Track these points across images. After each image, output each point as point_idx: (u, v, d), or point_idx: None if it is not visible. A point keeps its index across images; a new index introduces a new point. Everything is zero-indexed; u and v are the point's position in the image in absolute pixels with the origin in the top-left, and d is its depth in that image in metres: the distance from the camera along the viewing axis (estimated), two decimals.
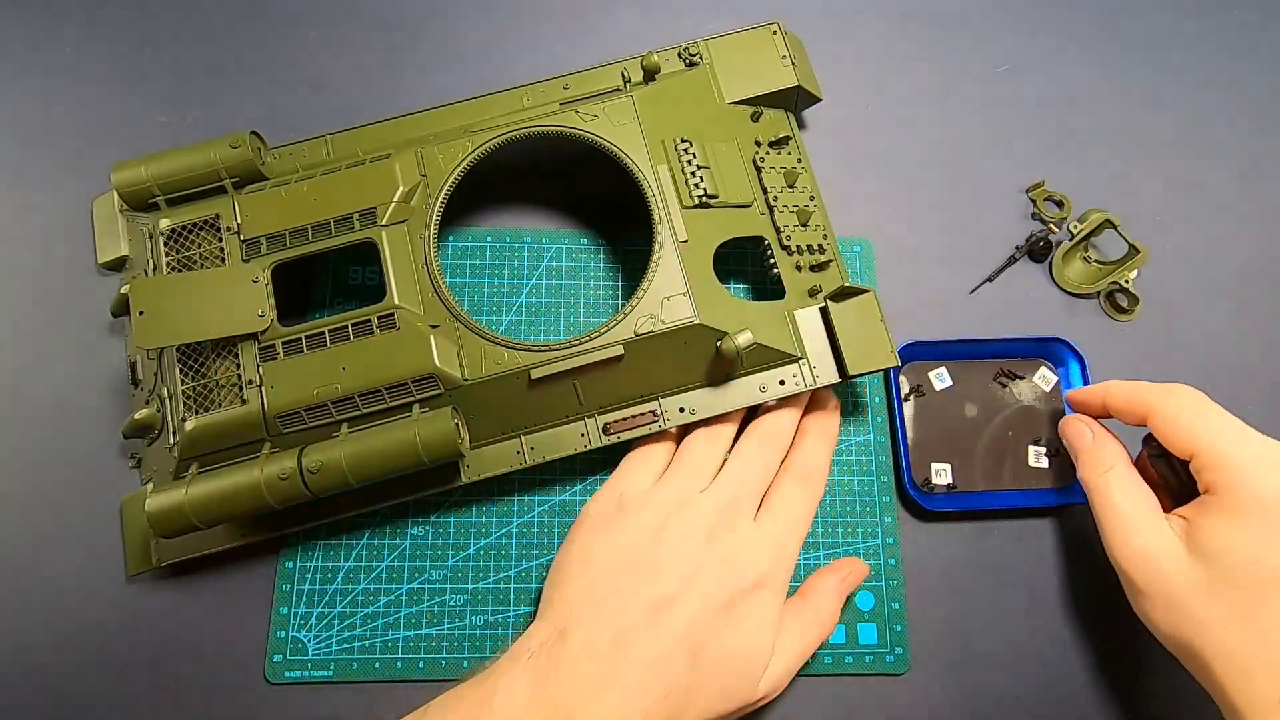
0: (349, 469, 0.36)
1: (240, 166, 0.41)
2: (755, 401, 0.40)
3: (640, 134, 0.41)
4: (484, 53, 0.51)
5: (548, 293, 0.46)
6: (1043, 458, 0.45)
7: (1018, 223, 0.50)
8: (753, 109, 0.45)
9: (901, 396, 0.45)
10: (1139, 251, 0.46)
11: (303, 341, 0.38)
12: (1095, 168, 0.51)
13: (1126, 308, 0.48)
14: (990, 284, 0.48)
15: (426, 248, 0.39)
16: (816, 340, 0.41)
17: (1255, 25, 0.55)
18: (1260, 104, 0.53)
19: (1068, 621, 0.43)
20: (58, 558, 0.41)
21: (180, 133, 0.49)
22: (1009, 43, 0.53)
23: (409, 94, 0.50)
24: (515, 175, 0.48)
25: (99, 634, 0.41)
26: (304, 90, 0.50)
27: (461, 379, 0.38)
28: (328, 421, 0.38)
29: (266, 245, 0.39)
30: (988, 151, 0.51)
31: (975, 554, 0.44)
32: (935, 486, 0.44)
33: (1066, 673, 0.42)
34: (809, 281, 0.42)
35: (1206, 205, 0.51)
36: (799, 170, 0.44)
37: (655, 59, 0.43)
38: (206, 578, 0.41)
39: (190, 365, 0.39)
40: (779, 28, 0.46)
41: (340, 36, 0.51)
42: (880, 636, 0.42)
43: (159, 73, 0.50)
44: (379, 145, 0.43)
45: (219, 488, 0.36)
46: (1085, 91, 0.53)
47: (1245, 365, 0.48)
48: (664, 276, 0.39)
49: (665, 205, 0.40)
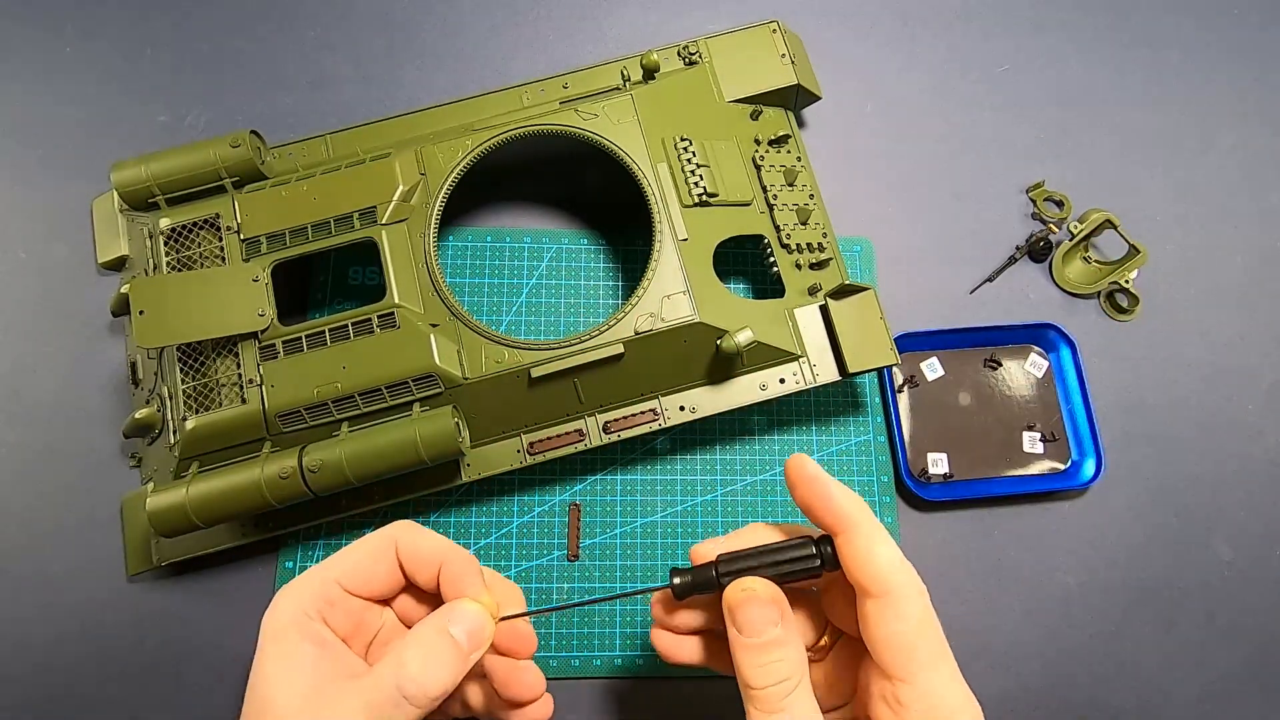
0: (349, 468, 0.36)
1: (240, 166, 0.41)
2: (755, 400, 0.40)
3: (640, 132, 0.41)
4: (484, 52, 0.51)
5: (548, 292, 0.46)
6: (1037, 443, 0.45)
7: (1018, 223, 0.50)
8: (752, 107, 0.45)
9: (895, 388, 0.45)
10: (1139, 251, 0.46)
11: (303, 340, 0.38)
12: (1095, 168, 0.51)
13: (1126, 308, 0.48)
14: (990, 284, 0.48)
15: (426, 246, 0.39)
16: (816, 338, 0.41)
17: (1255, 25, 0.55)
18: (1260, 104, 0.53)
19: (1067, 618, 0.43)
20: (58, 558, 0.41)
21: (180, 133, 0.49)
22: (1009, 42, 0.53)
23: (409, 94, 0.50)
24: (515, 175, 0.48)
25: (99, 634, 0.40)
26: (304, 90, 0.50)
27: (462, 378, 0.38)
28: (328, 420, 0.38)
29: (266, 244, 0.39)
30: (988, 151, 0.51)
31: (974, 544, 0.44)
32: (932, 476, 0.44)
33: (1066, 672, 0.42)
34: (809, 279, 0.42)
35: (1206, 205, 0.51)
36: (798, 169, 0.44)
37: (655, 58, 0.43)
38: (206, 578, 0.41)
39: (190, 364, 0.39)
40: (778, 26, 0.46)
41: (340, 36, 0.51)
42: None
43: (159, 73, 0.50)
44: (379, 144, 0.43)
45: (220, 487, 0.36)
46: (1085, 91, 0.53)
47: (1245, 365, 0.48)
48: (664, 275, 0.39)
49: (665, 204, 0.40)
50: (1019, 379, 0.46)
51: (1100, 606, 0.43)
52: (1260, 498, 0.46)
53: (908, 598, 0.28)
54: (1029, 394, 0.46)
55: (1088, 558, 0.44)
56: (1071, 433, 0.45)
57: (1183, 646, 0.43)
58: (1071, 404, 0.45)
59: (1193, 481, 0.46)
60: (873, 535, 0.28)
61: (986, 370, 0.46)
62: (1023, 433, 0.45)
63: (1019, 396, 0.46)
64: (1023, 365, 0.46)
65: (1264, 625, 0.44)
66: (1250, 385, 0.47)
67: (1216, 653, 0.43)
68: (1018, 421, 0.45)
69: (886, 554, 0.28)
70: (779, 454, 0.44)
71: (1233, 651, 0.43)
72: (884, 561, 0.28)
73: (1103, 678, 0.42)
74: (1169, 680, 0.42)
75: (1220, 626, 0.43)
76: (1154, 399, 0.47)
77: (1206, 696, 0.42)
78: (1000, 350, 0.46)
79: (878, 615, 0.28)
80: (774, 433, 0.45)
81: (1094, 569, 0.44)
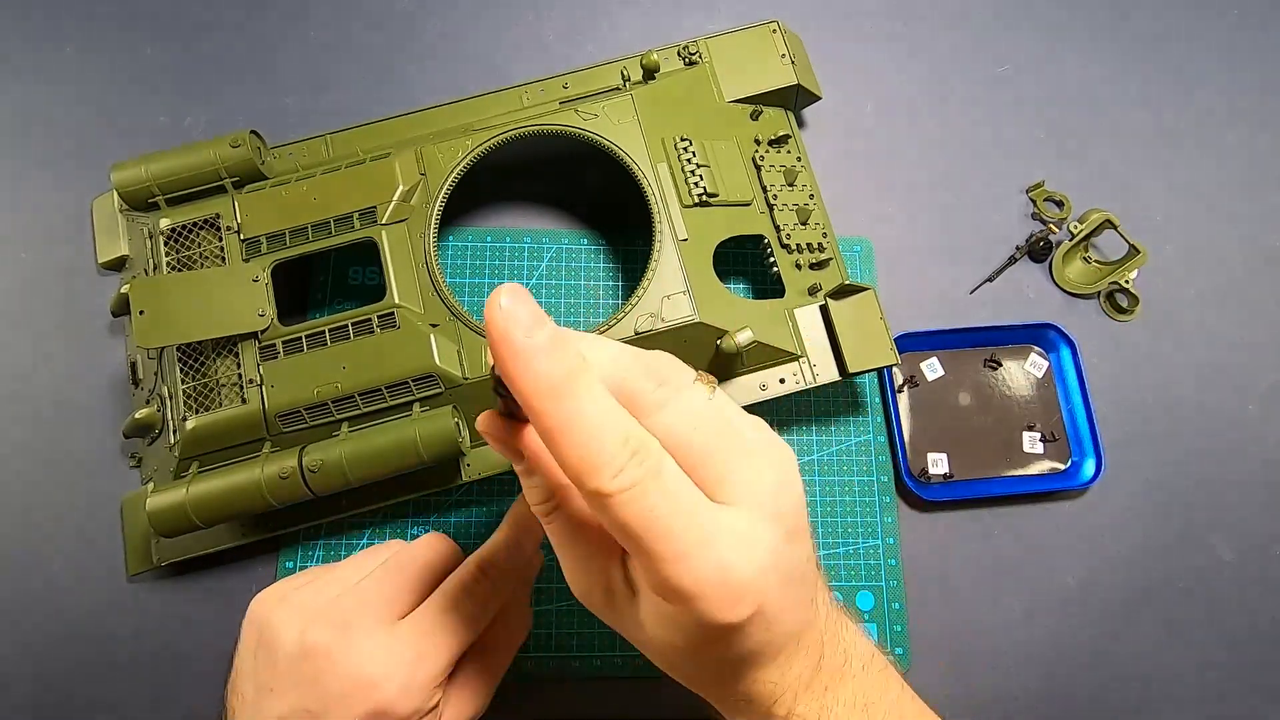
0: (349, 468, 0.36)
1: (240, 166, 0.41)
2: (755, 400, 0.40)
3: (640, 133, 0.41)
4: (484, 52, 0.51)
5: (548, 293, 0.46)
6: (1037, 443, 0.45)
7: (1018, 223, 0.50)
8: (752, 107, 0.45)
9: (895, 388, 0.45)
10: (1139, 251, 0.46)
11: (303, 341, 0.38)
12: (1095, 168, 0.51)
13: (1126, 308, 0.48)
14: (990, 284, 0.48)
15: (426, 246, 0.39)
16: (816, 338, 0.41)
17: (1255, 25, 0.55)
18: (1260, 104, 0.53)
19: (1067, 618, 0.43)
20: (58, 558, 0.41)
21: (180, 133, 0.49)
22: (1009, 43, 0.53)
23: (409, 94, 0.50)
24: (515, 175, 0.48)
25: (99, 634, 0.40)
26: (304, 90, 0.50)
27: (462, 378, 0.38)
28: (328, 420, 0.38)
29: (266, 244, 0.39)
30: (988, 151, 0.51)
31: (974, 545, 0.44)
32: (932, 476, 0.44)
33: (1066, 672, 0.42)
34: (809, 279, 0.42)
35: (1206, 205, 0.51)
36: (798, 169, 0.44)
37: (655, 58, 0.43)
38: (206, 578, 0.41)
39: (190, 364, 0.39)
40: (778, 26, 0.46)
41: (340, 36, 0.51)
42: (880, 636, 0.42)
43: (159, 73, 0.50)
44: (379, 144, 0.43)
45: (220, 487, 0.36)
46: (1085, 91, 0.53)
47: (1245, 365, 0.48)
48: (664, 275, 0.39)
49: (665, 204, 0.40)
50: (1019, 379, 0.46)
51: (1100, 606, 0.43)
52: (1260, 498, 0.46)
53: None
54: (1029, 394, 0.46)
55: (1088, 558, 0.44)
56: (1071, 433, 0.45)
57: (1183, 646, 0.43)
58: (1071, 404, 0.45)
59: (1193, 481, 0.46)
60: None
61: (986, 370, 0.46)
62: (1023, 433, 0.45)
63: (1019, 396, 0.46)
64: (1023, 365, 0.46)
65: (1264, 625, 0.44)
66: (1250, 385, 0.47)
67: (1216, 653, 0.43)
68: (1018, 421, 0.45)
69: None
70: None
71: (1233, 651, 0.43)
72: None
73: (1103, 678, 0.42)
74: (1169, 680, 0.42)
75: (1220, 626, 0.43)
76: (1154, 399, 0.47)
77: (1206, 697, 0.42)
78: (1000, 350, 0.46)
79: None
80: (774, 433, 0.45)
81: (1094, 569, 0.44)
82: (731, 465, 0.24)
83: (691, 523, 0.22)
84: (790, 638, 0.26)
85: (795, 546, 0.25)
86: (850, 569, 0.43)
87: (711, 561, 0.23)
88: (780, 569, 0.24)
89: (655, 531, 0.22)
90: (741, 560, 0.23)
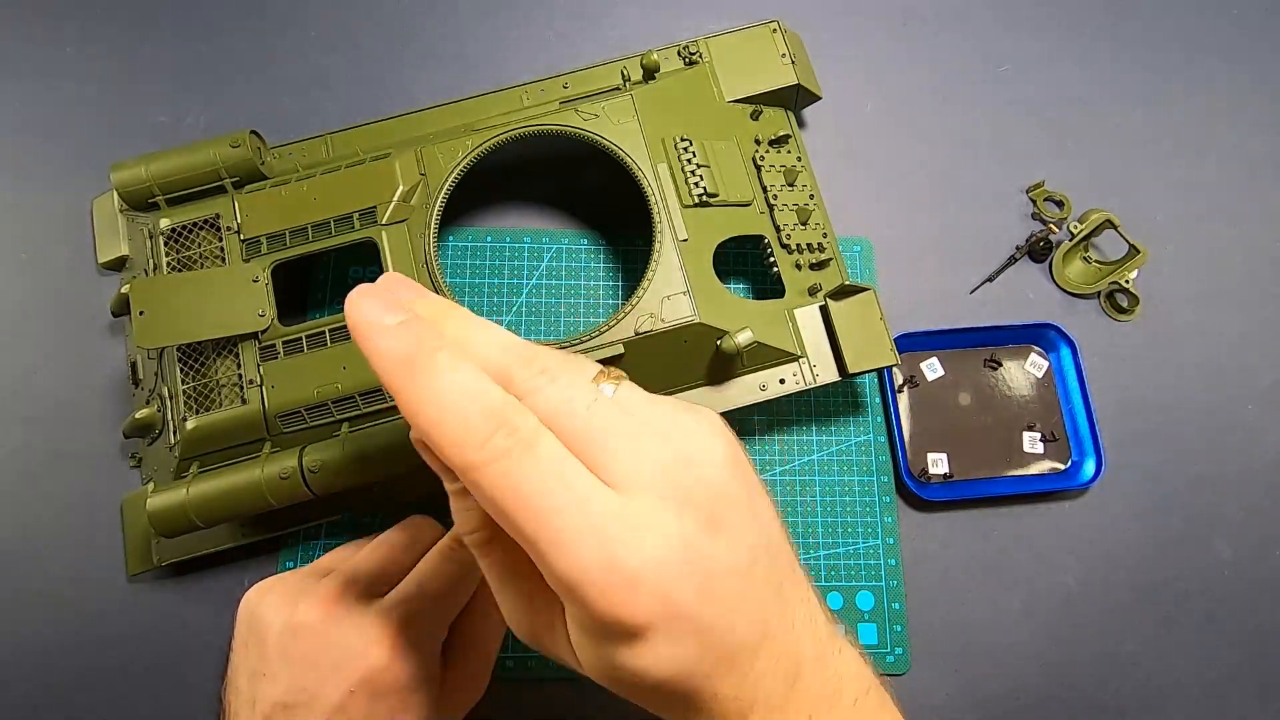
0: (349, 468, 0.36)
1: (240, 166, 0.41)
2: (755, 400, 0.40)
3: (640, 133, 0.41)
4: (484, 52, 0.51)
5: (548, 293, 0.46)
6: (1037, 443, 0.45)
7: (1018, 223, 0.50)
8: (752, 107, 0.45)
9: (895, 388, 0.45)
10: (1139, 251, 0.46)
11: (303, 341, 0.38)
12: (1095, 168, 0.51)
13: (1126, 308, 0.48)
14: (990, 284, 0.48)
15: (426, 247, 0.39)
16: (816, 339, 0.41)
17: (1255, 25, 0.55)
18: (1260, 104, 0.53)
19: (1067, 618, 0.43)
20: (58, 558, 0.41)
21: (180, 133, 0.49)
22: (1009, 43, 0.53)
23: (409, 94, 0.50)
24: (515, 175, 0.48)
25: (99, 634, 0.40)
26: (304, 90, 0.50)
27: None
28: (328, 421, 0.38)
29: (267, 245, 0.39)
30: (988, 151, 0.51)
31: (974, 545, 0.44)
32: (932, 476, 0.44)
33: (1066, 671, 0.42)
34: (809, 280, 0.42)
35: (1206, 205, 0.51)
36: (799, 169, 0.44)
37: (655, 58, 0.43)
38: (206, 578, 0.41)
39: (191, 365, 0.39)
40: (779, 26, 0.46)
41: (340, 36, 0.51)
42: (880, 637, 0.42)
43: (159, 73, 0.50)
44: (379, 144, 0.43)
45: (220, 487, 0.36)
46: (1085, 91, 0.53)
47: (1245, 365, 0.48)
48: (664, 275, 0.39)
49: (665, 204, 0.40)
50: (1019, 379, 0.46)
51: (1100, 606, 0.43)
52: (1260, 498, 0.46)
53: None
54: (1029, 394, 0.46)
55: (1088, 558, 0.44)
56: (1071, 433, 0.45)
57: (1183, 646, 0.43)
58: (1071, 404, 0.45)
59: (1193, 481, 0.46)
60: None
61: (986, 370, 0.46)
62: (1023, 433, 0.45)
63: (1019, 396, 0.46)
64: (1023, 365, 0.46)
65: (1264, 625, 0.44)
66: (1250, 385, 0.47)
67: (1216, 653, 0.43)
68: (1018, 421, 0.45)
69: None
70: (779, 454, 0.44)
71: (1233, 651, 0.43)
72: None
73: (1103, 678, 0.42)
74: (1169, 680, 0.42)
75: (1220, 626, 0.43)
76: (1154, 399, 0.47)
77: (1206, 696, 0.42)
78: (1000, 350, 0.46)
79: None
80: (774, 433, 0.45)
81: (1094, 569, 0.44)
82: (613, 445, 0.22)
83: (572, 502, 0.20)
84: (743, 648, 0.23)
85: (721, 539, 0.22)
86: (850, 569, 0.43)
87: (594, 545, 0.20)
88: (697, 564, 0.21)
89: (531, 510, 0.20)
90: (630, 546, 0.21)
